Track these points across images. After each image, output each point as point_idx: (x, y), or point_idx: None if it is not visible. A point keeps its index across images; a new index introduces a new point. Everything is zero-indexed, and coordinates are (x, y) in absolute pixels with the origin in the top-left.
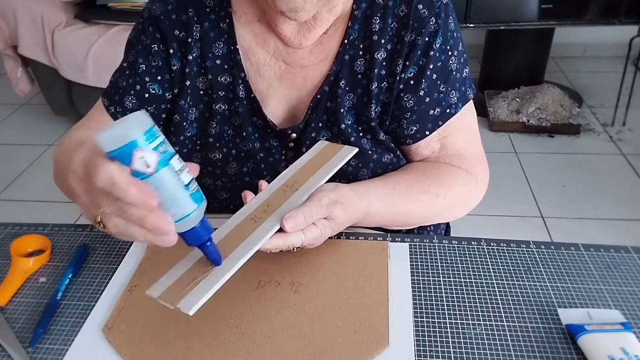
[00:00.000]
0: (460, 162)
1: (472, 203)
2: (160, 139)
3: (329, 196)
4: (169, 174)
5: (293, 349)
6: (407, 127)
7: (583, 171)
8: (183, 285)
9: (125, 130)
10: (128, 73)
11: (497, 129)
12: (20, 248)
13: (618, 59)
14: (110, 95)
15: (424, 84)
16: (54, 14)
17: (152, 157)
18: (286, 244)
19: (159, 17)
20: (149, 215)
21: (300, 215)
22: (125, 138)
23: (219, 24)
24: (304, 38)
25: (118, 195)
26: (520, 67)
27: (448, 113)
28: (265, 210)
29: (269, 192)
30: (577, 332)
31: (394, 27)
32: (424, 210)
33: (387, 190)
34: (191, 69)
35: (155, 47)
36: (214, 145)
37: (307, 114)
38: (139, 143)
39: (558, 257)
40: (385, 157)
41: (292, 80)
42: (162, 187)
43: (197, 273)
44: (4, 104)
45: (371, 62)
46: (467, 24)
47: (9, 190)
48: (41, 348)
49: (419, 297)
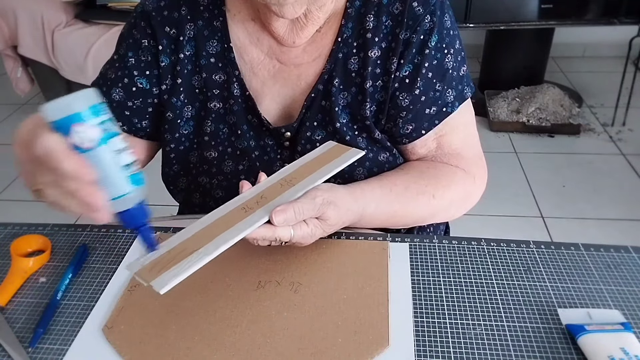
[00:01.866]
0: (457, 161)
1: (470, 203)
2: (105, 116)
3: (323, 196)
4: (108, 152)
5: (293, 349)
6: (402, 126)
7: (583, 171)
8: (162, 264)
9: (70, 102)
10: (117, 65)
11: (497, 129)
12: (20, 248)
13: (618, 59)
14: (98, 85)
15: (420, 83)
16: (54, 14)
17: (92, 132)
18: (273, 235)
19: (150, 13)
20: (83, 188)
21: (290, 210)
22: (68, 109)
23: (212, 22)
24: (297, 36)
25: (53, 166)
26: (520, 67)
27: (444, 112)
28: (257, 201)
29: (266, 184)
30: (577, 332)
31: (388, 25)
32: (420, 211)
33: (383, 191)
34: (185, 67)
35: (145, 42)
36: (210, 144)
37: (301, 113)
38: (82, 116)
39: (558, 257)
40: (382, 155)
41: (286, 79)
42: (100, 164)
43: (178, 253)
44: (4, 104)
45: (365, 60)
46: (467, 24)
47: (9, 190)
48: (41, 348)
49: (419, 297)
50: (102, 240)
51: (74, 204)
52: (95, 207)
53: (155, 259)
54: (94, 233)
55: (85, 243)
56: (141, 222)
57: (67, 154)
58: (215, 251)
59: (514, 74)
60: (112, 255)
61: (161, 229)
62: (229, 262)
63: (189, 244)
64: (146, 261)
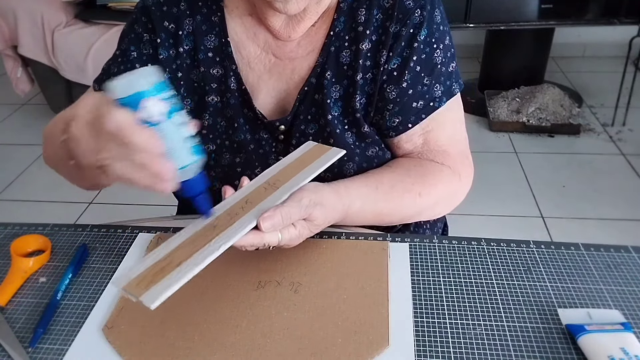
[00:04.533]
0: (443, 158)
1: (456, 201)
2: (168, 92)
3: (309, 197)
4: (174, 125)
5: (293, 349)
6: (389, 119)
7: (583, 171)
8: (149, 277)
9: (136, 79)
10: (120, 60)
11: (497, 129)
12: (20, 248)
13: (618, 59)
14: (101, 81)
15: (407, 76)
16: (54, 14)
17: (160, 107)
18: (262, 242)
19: (150, 8)
20: (153, 160)
21: (278, 215)
22: (136, 86)
23: (210, 18)
24: (293, 30)
25: (126, 140)
26: (520, 67)
27: (432, 106)
28: (243, 206)
29: (250, 188)
30: (577, 332)
31: (379, 19)
32: (406, 210)
33: (369, 189)
34: (184, 61)
35: (146, 36)
36: (208, 137)
37: (294, 106)
38: (149, 92)
39: (558, 257)
40: (370, 150)
41: (280, 73)
42: (167, 137)
43: (165, 265)
44: (4, 104)
45: (356, 53)
46: (467, 24)
47: (9, 190)
48: (41, 348)
49: (419, 297)
50: (102, 240)
51: (143, 176)
52: (165, 177)
53: (141, 273)
54: (94, 233)
55: (85, 243)
56: (200, 191)
57: (138, 128)
58: (204, 262)
59: (514, 74)
60: (112, 255)
61: (161, 229)
62: (229, 262)
63: (176, 255)
64: (132, 274)
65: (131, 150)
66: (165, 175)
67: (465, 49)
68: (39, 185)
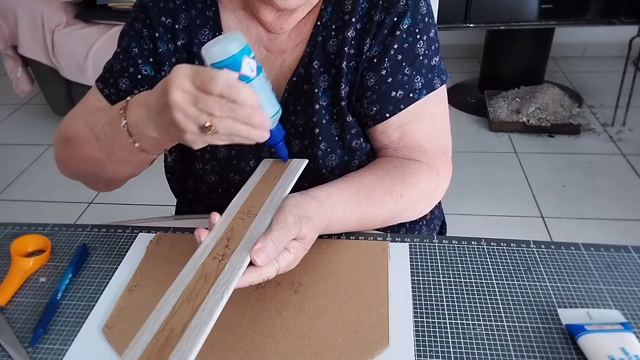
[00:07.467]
0: (420, 155)
1: (435, 199)
2: (253, 52)
3: (293, 213)
4: (264, 79)
5: (293, 349)
6: (367, 107)
7: (583, 171)
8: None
9: (233, 42)
10: (121, 57)
11: (497, 129)
12: (20, 248)
13: (618, 59)
14: (104, 79)
15: (387, 63)
16: (54, 14)
17: (252, 65)
18: (261, 277)
19: (147, 4)
20: (255, 112)
21: (269, 243)
22: (231, 50)
23: (205, 12)
24: (285, 22)
25: (233, 97)
26: (520, 67)
27: (411, 97)
28: (226, 245)
29: (225, 224)
30: (577, 332)
31: (364, 7)
32: (389, 212)
33: (349, 193)
34: (181, 55)
35: (145, 31)
36: None
37: (284, 97)
38: (242, 53)
39: (558, 257)
40: (354, 142)
41: (271, 66)
42: (260, 90)
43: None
44: (4, 104)
45: (343, 41)
46: (467, 24)
47: (9, 190)
48: (41, 348)
49: (419, 297)
50: (102, 240)
51: (245, 129)
52: (265, 126)
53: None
54: (94, 233)
55: (85, 243)
56: (282, 138)
57: (243, 85)
58: (212, 317)
59: (514, 74)
60: (112, 255)
61: (161, 229)
62: None
63: (175, 321)
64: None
65: (239, 105)
66: (265, 124)
67: (465, 49)
68: (39, 185)
